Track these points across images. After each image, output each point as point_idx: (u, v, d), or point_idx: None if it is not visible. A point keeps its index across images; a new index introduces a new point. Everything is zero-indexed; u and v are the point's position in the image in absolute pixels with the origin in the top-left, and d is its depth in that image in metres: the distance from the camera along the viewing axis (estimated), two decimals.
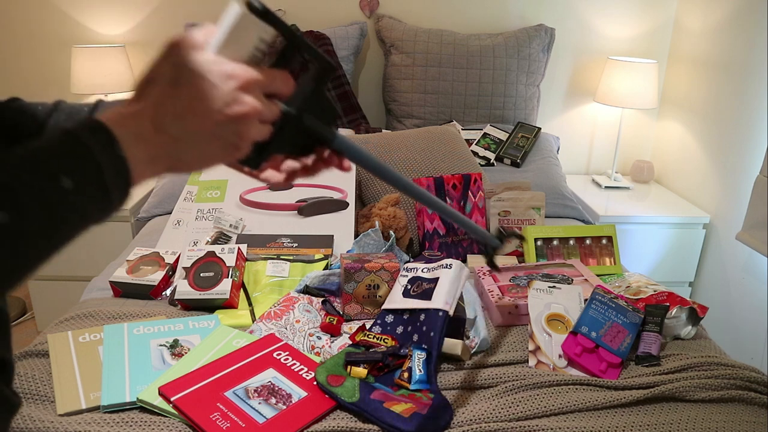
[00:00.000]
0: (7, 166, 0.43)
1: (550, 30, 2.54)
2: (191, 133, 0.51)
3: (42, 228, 0.43)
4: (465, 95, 2.46)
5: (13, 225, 0.41)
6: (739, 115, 2.22)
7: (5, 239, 0.41)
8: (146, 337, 1.22)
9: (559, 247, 1.68)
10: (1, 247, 0.41)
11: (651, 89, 2.43)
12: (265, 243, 1.61)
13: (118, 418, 1.01)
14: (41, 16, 2.42)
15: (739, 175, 2.22)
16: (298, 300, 1.36)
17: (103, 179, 0.46)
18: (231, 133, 0.52)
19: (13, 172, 0.42)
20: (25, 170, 0.43)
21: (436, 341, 1.15)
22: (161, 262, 1.52)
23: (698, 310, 1.32)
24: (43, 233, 0.44)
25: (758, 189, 1.96)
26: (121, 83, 2.36)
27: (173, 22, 2.47)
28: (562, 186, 2.25)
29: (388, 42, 2.49)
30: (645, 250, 2.37)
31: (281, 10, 2.48)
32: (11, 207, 0.41)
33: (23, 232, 0.42)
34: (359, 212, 1.75)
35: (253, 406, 1.02)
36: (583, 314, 1.26)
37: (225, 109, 0.50)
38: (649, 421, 1.05)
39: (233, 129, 0.52)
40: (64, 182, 0.44)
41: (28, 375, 1.09)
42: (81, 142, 0.46)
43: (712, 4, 2.38)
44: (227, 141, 0.52)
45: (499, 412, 1.06)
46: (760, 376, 1.16)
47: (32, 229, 0.43)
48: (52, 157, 0.45)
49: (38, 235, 0.44)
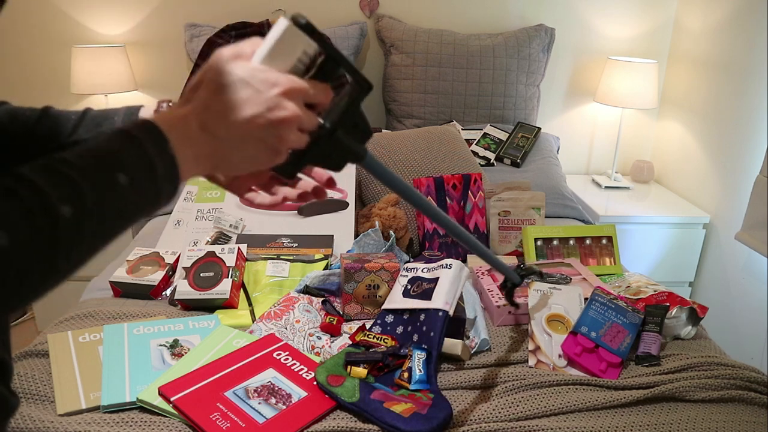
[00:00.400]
0: (70, 162, 0.46)
1: (550, 30, 2.54)
2: (234, 135, 0.54)
3: (100, 219, 0.46)
4: (465, 95, 2.46)
5: (76, 216, 0.44)
6: (739, 115, 2.22)
7: (69, 229, 0.44)
8: (146, 337, 1.22)
9: (559, 247, 1.68)
10: (66, 236, 0.44)
11: (651, 89, 2.43)
12: (265, 243, 1.61)
13: (118, 418, 1.01)
14: (41, 16, 2.42)
15: (739, 175, 2.22)
16: (298, 300, 1.36)
17: (156, 176, 0.50)
18: (272, 136, 0.55)
19: (75, 168, 0.45)
20: (87, 166, 0.46)
21: (436, 341, 1.15)
22: (161, 262, 1.52)
23: (698, 310, 1.32)
24: (101, 224, 0.47)
25: (758, 189, 1.95)
26: (121, 83, 2.36)
27: (173, 22, 2.47)
28: (562, 186, 2.25)
29: (388, 42, 2.49)
30: (645, 250, 2.37)
31: (281, 10, 2.48)
32: (75, 200, 0.44)
33: (85, 223, 0.45)
34: (359, 212, 1.75)
35: (253, 406, 1.02)
36: (583, 314, 1.26)
37: (267, 113, 0.54)
38: (649, 421, 1.05)
39: (274, 132, 0.55)
40: (121, 178, 0.47)
41: (28, 375, 1.09)
42: (137, 141, 0.49)
43: (712, 4, 2.38)
44: (268, 144, 0.55)
45: (499, 412, 1.06)
46: (760, 376, 1.16)
47: (92, 220, 0.45)
48: (110, 155, 0.48)
49: (97, 226, 0.46)
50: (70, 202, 0.44)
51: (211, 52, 2.27)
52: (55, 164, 0.45)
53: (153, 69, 2.54)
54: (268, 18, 2.43)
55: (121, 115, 0.76)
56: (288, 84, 0.55)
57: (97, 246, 0.48)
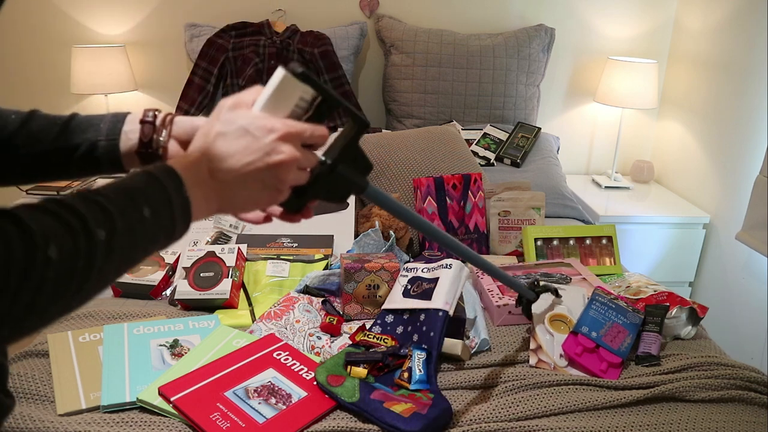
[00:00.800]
0: (103, 194, 0.52)
1: (550, 30, 2.54)
2: (237, 179, 0.60)
3: (127, 245, 0.52)
4: (465, 95, 2.46)
5: (108, 240, 0.50)
6: (739, 115, 2.22)
7: (100, 252, 0.49)
8: (146, 337, 1.22)
9: (559, 247, 1.68)
10: (100, 256, 0.49)
11: (651, 89, 2.43)
12: (265, 243, 1.61)
13: (118, 418, 1.01)
14: (41, 16, 2.42)
15: (739, 175, 2.22)
16: (298, 300, 1.36)
17: (173, 213, 0.56)
18: (271, 177, 0.60)
19: (108, 199, 0.51)
20: (117, 198, 0.52)
21: (436, 341, 1.15)
22: (161, 262, 1.52)
23: (698, 310, 1.32)
24: (127, 249, 0.52)
25: (758, 189, 1.95)
26: (121, 83, 2.36)
27: (173, 22, 2.47)
28: (562, 186, 2.25)
29: (388, 42, 2.49)
30: (645, 250, 2.37)
31: (281, 10, 2.48)
32: (108, 225, 0.50)
33: (114, 247, 0.50)
34: (359, 212, 1.75)
35: (253, 406, 1.02)
36: (584, 314, 1.26)
37: (265, 158, 0.59)
38: (649, 421, 1.05)
39: (273, 174, 0.60)
40: (145, 211, 0.54)
41: (28, 375, 1.09)
42: (160, 182, 0.56)
43: (712, 4, 2.38)
44: (268, 185, 0.61)
45: (499, 412, 1.06)
46: (760, 376, 1.16)
47: (121, 245, 0.51)
48: (138, 191, 0.54)
49: (124, 251, 0.52)
50: (104, 226, 0.49)
51: (211, 52, 2.27)
52: (89, 195, 0.51)
53: (153, 69, 2.54)
54: (268, 18, 2.43)
55: (106, 122, 0.75)
56: (284, 129, 0.60)
57: (121, 269, 0.53)
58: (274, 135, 0.59)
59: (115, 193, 0.53)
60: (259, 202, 0.62)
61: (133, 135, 0.74)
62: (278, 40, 2.32)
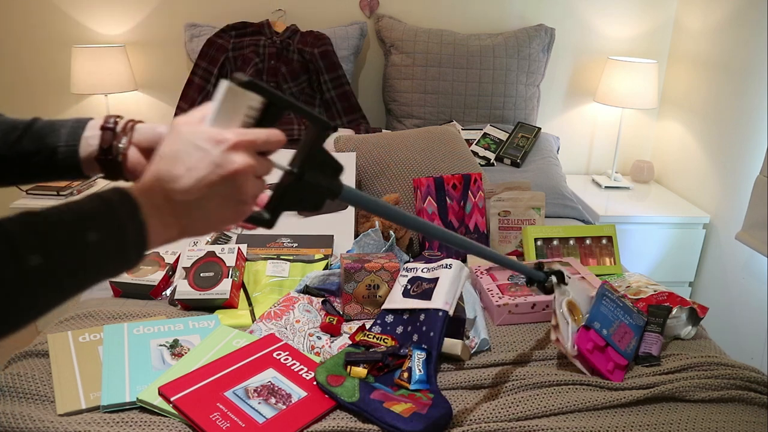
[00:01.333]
0: (45, 215, 0.50)
1: (550, 30, 2.54)
2: (192, 198, 0.57)
3: (66, 272, 0.50)
4: (465, 95, 2.46)
5: (43, 266, 0.48)
6: (739, 115, 2.22)
7: (35, 278, 0.48)
8: (146, 337, 1.22)
9: (559, 247, 1.68)
10: (31, 284, 0.47)
11: (651, 89, 2.43)
12: (265, 243, 1.61)
13: (118, 418, 1.01)
14: (41, 16, 2.42)
15: (739, 175, 2.22)
16: (298, 300, 1.36)
17: (125, 239, 0.54)
18: (229, 188, 0.58)
19: (48, 223, 0.49)
20: (60, 222, 0.50)
21: (436, 341, 1.15)
22: (161, 262, 1.52)
23: (698, 310, 1.32)
24: (67, 276, 0.50)
25: (758, 189, 1.95)
26: (121, 83, 2.36)
27: (173, 22, 2.47)
28: (562, 186, 2.25)
29: (388, 42, 2.49)
30: (645, 250, 2.37)
31: (281, 10, 2.48)
32: (44, 251, 0.48)
33: (50, 274, 0.49)
34: (359, 212, 1.75)
35: (253, 406, 1.02)
36: (595, 310, 1.23)
37: (217, 170, 0.56)
38: (649, 421, 1.05)
39: (230, 185, 0.57)
40: (90, 236, 0.51)
41: (28, 375, 1.09)
42: (112, 207, 0.54)
43: (712, 4, 2.38)
44: (229, 199, 0.58)
45: (499, 412, 1.06)
46: (760, 376, 1.16)
47: (58, 271, 0.49)
48: (84, 214, 0.52)
49: (61, 278, 0.50)
50: (38, 251, 0.48)
51: (211, 52, 2.27)
52: (30, 217, 0.49)
53: (153, 69, 2.54)
54: (268, 18, 2.43)
55: (67, 127, 0.74)
56: (234, 138, 0.57)
57: (60, 297, 0.51)
58: (223, 146, 0.57)
59: (59, 215, 0.51)
60: (225, 219, 0.60)
61: (93, 141, 0.74)
62: (278, 40, 2.32)
